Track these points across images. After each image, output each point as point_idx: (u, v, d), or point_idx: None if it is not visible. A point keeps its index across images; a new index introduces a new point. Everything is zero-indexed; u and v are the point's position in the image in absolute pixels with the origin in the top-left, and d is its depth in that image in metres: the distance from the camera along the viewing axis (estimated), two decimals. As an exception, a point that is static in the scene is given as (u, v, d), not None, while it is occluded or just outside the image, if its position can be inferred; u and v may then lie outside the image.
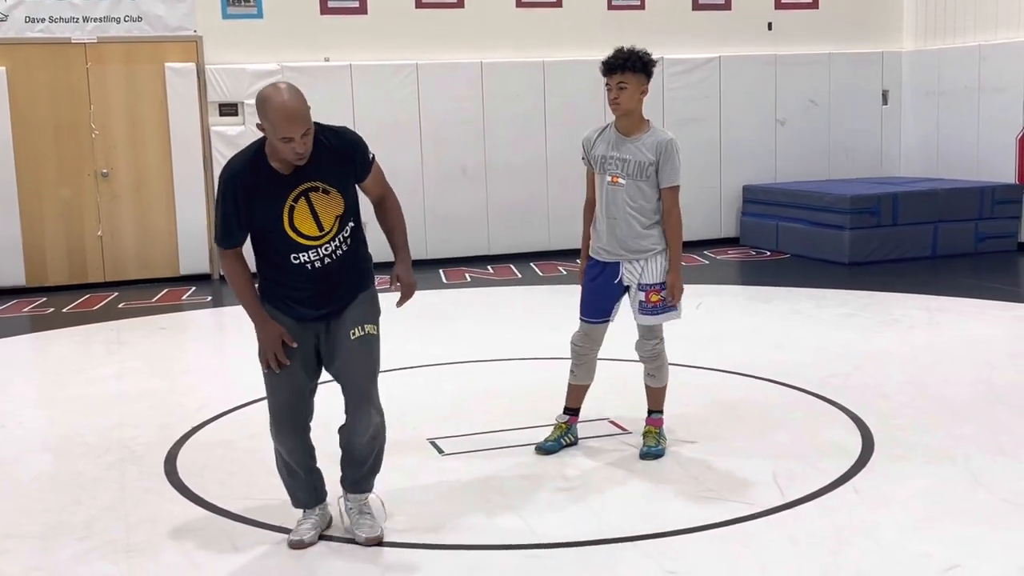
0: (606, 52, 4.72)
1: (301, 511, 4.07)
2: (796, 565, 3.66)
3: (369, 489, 4.08)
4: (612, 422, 5.32)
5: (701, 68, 11.91)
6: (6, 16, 10.02)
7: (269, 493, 4.52)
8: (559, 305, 4.66)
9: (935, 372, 6.24)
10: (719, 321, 8.02)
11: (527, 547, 3.88)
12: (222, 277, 10.60)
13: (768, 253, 11.44)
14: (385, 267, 3.95)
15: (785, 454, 4.81)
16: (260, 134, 3.73)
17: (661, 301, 4.74)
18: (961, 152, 11.90)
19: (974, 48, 11.68)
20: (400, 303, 4.05)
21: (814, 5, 12.51)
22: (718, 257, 11.32)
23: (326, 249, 3.82)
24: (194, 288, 10.26)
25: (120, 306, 9.44)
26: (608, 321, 4.87)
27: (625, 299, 4.82)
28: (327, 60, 10.87)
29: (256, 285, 3.93)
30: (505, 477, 4.64)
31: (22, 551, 3.99)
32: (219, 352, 8.16)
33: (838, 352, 6.78)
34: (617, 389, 5.61)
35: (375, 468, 4.06)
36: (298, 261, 3.81)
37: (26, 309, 9.46)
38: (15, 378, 7.22)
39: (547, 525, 4.08)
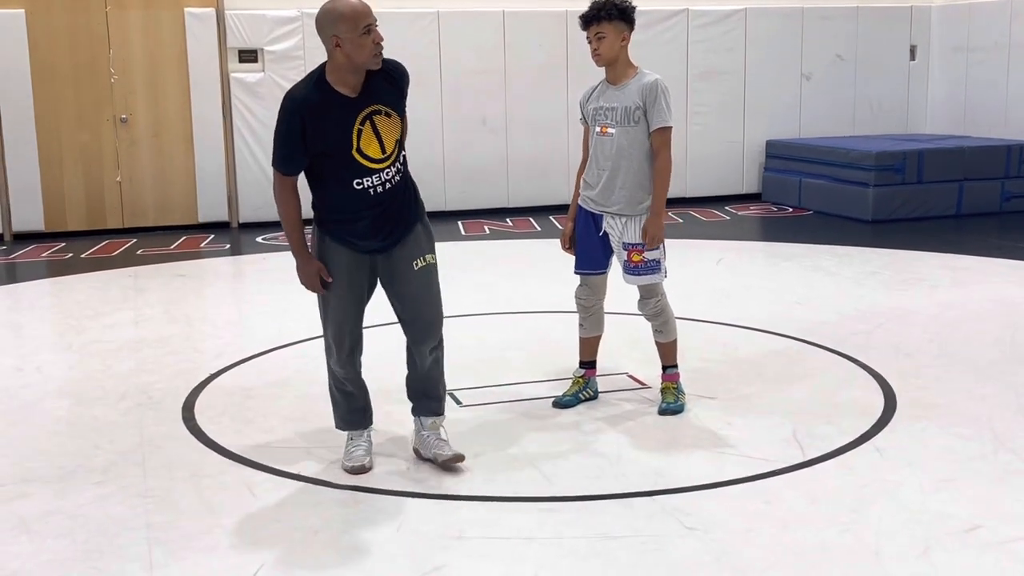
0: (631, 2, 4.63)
1: (346, 437, 4.22)
2: (816, 524, 3.62)
3: (443, 412, 4.29)
4: (631, 377, 5.29)
5: (726, 20, 11.73)
6: (25, -42, 9.94)
7: (287, 441, 4.52)
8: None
9: (958, 331, 6.17)
10: (740, 277, 7.97)
11: (544, 500, 3.87)
12: (241, 225, 10.60)
13: (790, 209, 11.33)
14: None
15: (806, 412, 4.77)
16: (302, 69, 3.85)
17: (643, 262, 4.64)
18: (989, 109, 11.73)
19: (1005, 3, 11.47)
20: None
21: (843, -43, 12.31)
22: (739, 213, 11.23)
23: (387, 173, 3.92)
24: (212, 236, 10.24)
25: (138, 252, 9.44)
26: (605, 272, 4.82)
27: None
28: (348, 7, 10.74)
29: (318, 224, 4.05)
30: (523, 430, 4.62)
31: (40, 495, 4.00)
32: (237, 300, 8.16)
33: (860, 310, 6.71)
34: (635, 343, 5.57)
35: (444, 390, 4.30)
36: (361, 187, 3.89)
37: (44, 254, 9.47)
38: (33, 323, 7.24)
39: (565, 478, 4.06)
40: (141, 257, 9.22)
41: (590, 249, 4.78)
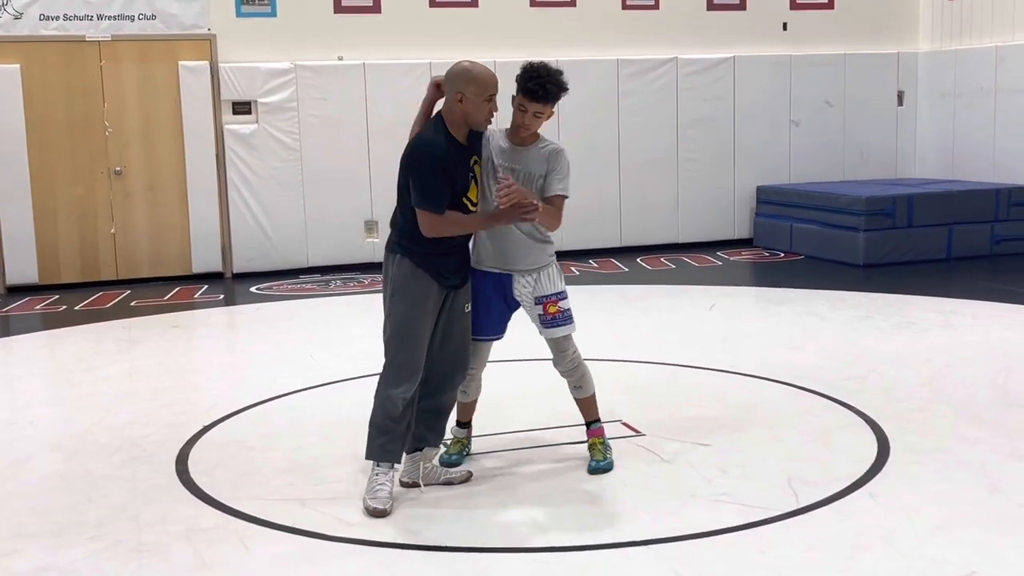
0: (620, 52, 4.69)
1: (371, 471, 4.30)
2: (811, 571, 3.62)
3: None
4: (625, 424, 5.29)
5: (715, 68, 11.85)
6: (21, 14, 10.04)
7: (281, 493, 4.51)
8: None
9: (951, 375, 6.19)
10: (732, 323, 7.99)
11: (539, 550, 3.86)
12: (234, 275, 10.62)
13: (782, 254, 11.39)
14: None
15: (800, 458, 4.77)
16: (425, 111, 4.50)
17: (559, 312, 4.55)
18: (977, 154, 11.83)
19: (991, 49, 11.61)
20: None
21: (829, 5, 12.46)
22: (731, 258, 11.28)
23: None
24: (206, 286, 10.26)
25: (132, 304, 9.44)
26: (498, 337, 4.72)
27: (520, 314, 4.64)
28: (341, 59, 10.87)
29: (407, 254, 4.30)
30: (517, 478, 4.61)
31: (32, 550, 3.97)
32: (231, 351, 8.16)
33: (853, 355, 6.73)
34: (629, 391, 5.58)
35: None
36: None
37: (39, 307, 9.48)
38: (27, 376, 7.22)
39: (559, 528, 4.06)
40: (135, 308, 9.23)
41: (490, 312, 4.61)
